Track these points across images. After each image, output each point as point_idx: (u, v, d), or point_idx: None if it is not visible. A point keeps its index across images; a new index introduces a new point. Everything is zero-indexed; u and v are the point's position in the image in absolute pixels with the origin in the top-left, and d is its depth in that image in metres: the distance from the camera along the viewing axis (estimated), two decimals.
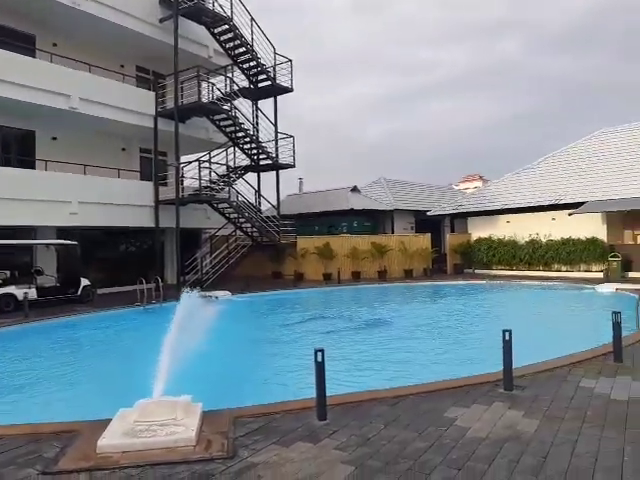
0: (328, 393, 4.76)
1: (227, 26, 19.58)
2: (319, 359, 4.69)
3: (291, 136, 22.17)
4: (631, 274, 18.08)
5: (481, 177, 66.32)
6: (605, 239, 19.51)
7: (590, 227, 19.74)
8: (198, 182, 18.74)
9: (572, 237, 20.12)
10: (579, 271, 19.90)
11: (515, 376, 5.52)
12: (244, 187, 21.79)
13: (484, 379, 5.81)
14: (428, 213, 26.44)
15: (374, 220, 27.29)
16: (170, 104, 19.19)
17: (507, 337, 5.47)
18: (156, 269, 18.57)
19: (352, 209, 25.24)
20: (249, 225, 20.75)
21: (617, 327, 6.44)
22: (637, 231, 20.45)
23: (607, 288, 15.41)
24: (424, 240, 23.02)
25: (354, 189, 27.99)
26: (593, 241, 19.56)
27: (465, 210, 24.60)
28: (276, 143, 22.01)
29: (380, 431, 4.41)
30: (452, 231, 25.65)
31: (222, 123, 20.07)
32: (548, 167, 24.16)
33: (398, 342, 9.78)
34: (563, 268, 20.44)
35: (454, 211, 25.21)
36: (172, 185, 19.13)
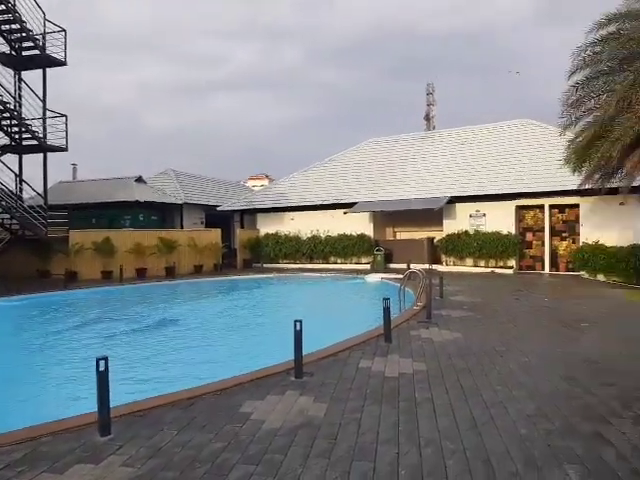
0: (112, 404, 4.26)
1: None
2: (101, 368, 4.15)
3: (64, 115, 19.46)
4: (392, 265, 21.05)
5: (267, 176, 69.49)
6: (372, 235, 22.31)
7: (360, 225, 22.34)
8: None
9: (346, 233, 22.45)
10: (351, 263, 22.30)
11: (303, 363, 5.80)
12: (1, 171, 18.39)
13: (276, 369, 5.96)
14: (218, 208, 26.32)
15: (162, 214, 25.94)
16: None
17: (298, 327, 5.71)
18: None
19: (137, 201, 23.51)
20: (7, 216, 17.60)
21: (387, 312, 7.32)
22: (396, 228, 23.99)
23: (374, 278, 17.63)
24: (214, 235, 22.87)
25: (139, 179, 26.11)
26: (362, 237, 22.18)
27: (254, 207, 25.31)
28: (44, 122, 19.06)
29: (173, 437, 4.12)
30: (242, 227, 26.04)
31: None
32: (328, 169, 26.41)
33: (188, 341, 9.45)
34: (339, 260, 22.67)
35: (244, 207, 25.69)
36: None
